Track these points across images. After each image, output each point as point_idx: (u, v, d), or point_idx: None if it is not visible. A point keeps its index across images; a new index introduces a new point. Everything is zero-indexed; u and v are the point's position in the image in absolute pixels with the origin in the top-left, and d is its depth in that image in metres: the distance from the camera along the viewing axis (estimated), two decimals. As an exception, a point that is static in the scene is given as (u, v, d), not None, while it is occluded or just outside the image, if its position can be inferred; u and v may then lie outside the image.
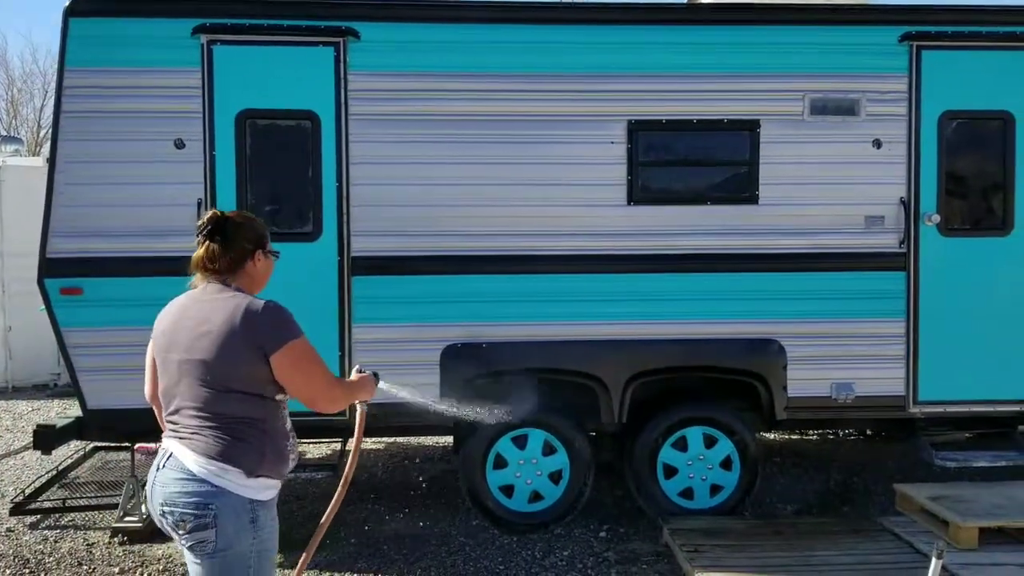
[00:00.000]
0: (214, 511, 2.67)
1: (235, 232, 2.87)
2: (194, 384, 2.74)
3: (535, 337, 5.50)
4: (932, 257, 5.67)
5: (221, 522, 2.67)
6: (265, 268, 2.97)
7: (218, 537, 2.67)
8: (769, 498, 6.38)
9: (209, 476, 2.68)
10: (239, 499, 2.70)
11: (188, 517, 2.67)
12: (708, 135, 5.58)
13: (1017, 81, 5.67)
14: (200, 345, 2.73)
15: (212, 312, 2.75)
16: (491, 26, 5.45)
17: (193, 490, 2.68)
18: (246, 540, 2.72)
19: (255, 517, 2.73)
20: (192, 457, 2.71)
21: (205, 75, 5.30)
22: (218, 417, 2.72)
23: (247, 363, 2.70)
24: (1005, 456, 5.71)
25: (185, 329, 2.79)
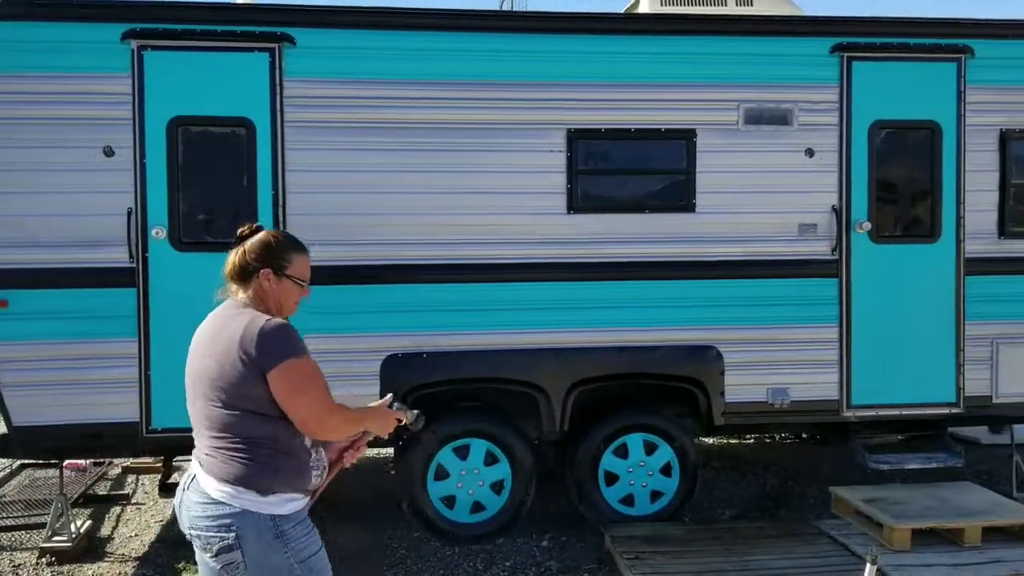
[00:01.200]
0: (235, 532, 2.64)
1: (251, 246, 2.85)
2: (205, 403, 2.72)
3: (477, 346, 5.47)
4: (863, 264, 5.79)
5: (245, 543, 2.64)
6: (275, 290, 2.84)
7: (245, 557, 2.64)
8: (708, 503, 6.45)
9: (226, 498, 2.66)
10: (259, 517, 2.65)
11: (213, 540, 2.66)
12: (646, 144, 5.63)
13: (943, 92, 5.82)
14: (207, 364, 2.71)
15: (220, 330, 2.74)
16: (429, 33, 5.41)
17: (213, 513, 2.67)
18: (278, 555, 2.67)
19: (280, 532, 2.67)
20: (208, 480, 2.69)
21: (135, 81, 5.16)
22: (227, 437, 2.68)
23: (248, 382, 2.65)
24: (935, 458, 5.86)
25: (199, 346, 2.79)
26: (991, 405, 5.95)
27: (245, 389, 2.65)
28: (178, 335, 5.15)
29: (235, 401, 2.67)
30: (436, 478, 5.58)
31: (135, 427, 5.21)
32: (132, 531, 5.96)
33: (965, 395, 5.88)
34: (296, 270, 2.88)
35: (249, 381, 2.65)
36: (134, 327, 5.20)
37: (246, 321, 2.70)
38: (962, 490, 5.76)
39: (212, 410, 2.70)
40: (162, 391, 5.23)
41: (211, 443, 2.71)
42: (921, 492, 5.73)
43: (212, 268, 5.18)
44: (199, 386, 2.74)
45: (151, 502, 6.56)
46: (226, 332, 2.71)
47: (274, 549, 2.65)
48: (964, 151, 5.83)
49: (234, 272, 2.85)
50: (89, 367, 5.18)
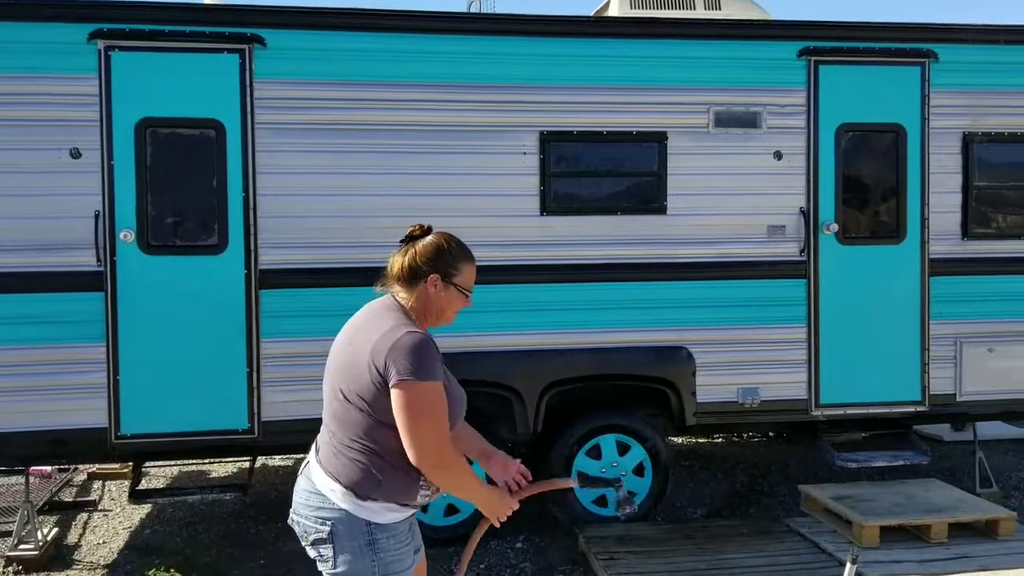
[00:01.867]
0: (330, 527, 2.63)
1: (423, 248, 2.77)
2: (333, 393, 2.70)
3: (449, 348, 5.40)
4: (831, 265, 5.87)
5: (337, 540, 2.63)
6: (440, 300, 2.77)
7: (336, 554, 2.63)
8: (679, 502, 6.50)
9: (328, 492, 2.65)
10: (355, 520, 2.63)
11: (310, 530, 2.67)
12: (618, 146, 5.65)
13: (908, 95, 5.92)
14: (343, 356, 2.68)
15: (363, 327, 2.69)
16: (401, 35, 5.39)
17: (315, 504, 2.67)
18: (364, 561, 2.64)
19: (373, 540, 2.64)
20: (318, 470, 2.70)
21: (103, 82, 5.08)
22: (343, 432, 2.67)
23: (372, 388, 2.59)
24: (902, 456, 5.95)
25: (344, 335, 2.75)
26: (955, 403, 6.05)
27: (368, 393, 2.60)
28: (147, 339, 5.18)
29: (357, 401, 2.62)
30: (409, 481, 5.55)
31: (104, 433, 5.13)
32: (100, 538, 5.87)
33: (930, 393, 5.98)
34: (463, 279, 2.82)
35: (373, 387, 2.59)
36: (102, 331, 5.13)
37: (388, 326, 2.63)
38: (928, 487, 5.86)
39: (335, 403, 2.68)
40: (131, 396, 5.16)
41: (328, 436, 2.71)
42: (888, 489, 5.82)
43: (181, 271, 5.24)
44: (332, 375, 2.72)
45: (118, 508, 6.47)
46: (366, 331, 2.66)
47: (363, 554, 2.63)
48: (928, 154, 5.94)
49: (402, 273, 2.77)
50: (57, 372, 5.09)
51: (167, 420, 5.21)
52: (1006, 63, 5.99)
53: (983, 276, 6.02)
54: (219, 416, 5.28)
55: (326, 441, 2.73)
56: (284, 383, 5.32)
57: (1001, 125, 6.01)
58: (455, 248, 2.83)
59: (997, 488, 6.45)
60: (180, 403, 5.21)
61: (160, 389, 5.19)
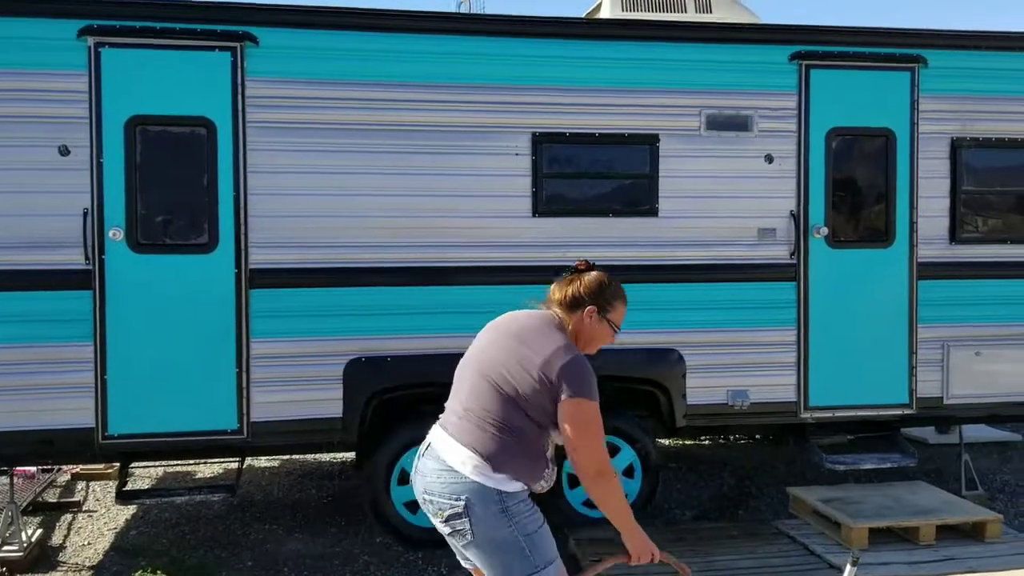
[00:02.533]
0: (464, 500, 2.85)
1: (587, 281, 3.11)
2: (487, 385, 2.93)
3: (441, 350, 5.43)
4: (820, 268, 5.90)
5: (472, 512, 2.85)
6: (592, 330, 3.10)
7: (472, 526, 2.85)
8: (668, 504, 6.50)
9: (460, 466, 2.87)
10: (488, 489, 2.85)
11: (444, 506, 2.89)
12: (610, 148, 5.66)
13: (898, 100, 5.96)
14: (504, 352, 2.95)
15: (532, 336, 2.96)
16: (394, 35, 5.37)
17: (447, 480, 2.89)
18: (503, 527, 2.86)
19: (505, 507, 2.86)
20: (453, 447, 2.92)
21: (92, 79, 5.03)
22: (491, 414, 2.90)
23: (538, 395, 2.88)
24: (890, 458, 5.98)
25: (503, 334, 3.03)
26: (942, 406, 6.09)
27: (531, 393, 2.88)
28: (135, 339, 5.14)
29: (514, 394, 2.89)
30: (400, 483, 5.53)
31: (91, 433, 5.09)
32: (85, 539, 5.81)
33: (917, 396, 6.01)
34: (615, 316, 3.15)
35: (540, 395, 2.88)
36: (90, 331, 5.08)
37: (559, 343, 2.93)
38: (915, 489, 5.90)
39: (493, 394, 2.92)
40: (119, 396, 5.11)
41: (465, 411, 2.95)
42: (876, 492, 5.85)
43: (170, 270, 5.20)
44: (484, 363, 2.98)
45: (103, 509, 6.41)
46: (538, 341, 2.95)
47: (499, 521, 2.85)
48: (917, 158, 5.97)
49: (565, 300, 3.10)
50: (43, 372, 5.03)
51: (155, 420, 5.16)
52: (995, 69, 6.03)
53: (970, 280, 6.07)
54: (208, 416, 5.24)
55: (462, 418, 2.96)
56: (274, 383, 5.28)
57: (989, 131, 6.05)
58: (615, 288, 3.17)
59: (982, 490, 6.50)
60: (168, 403, 5.17)
61: (148, 389, 5.14)
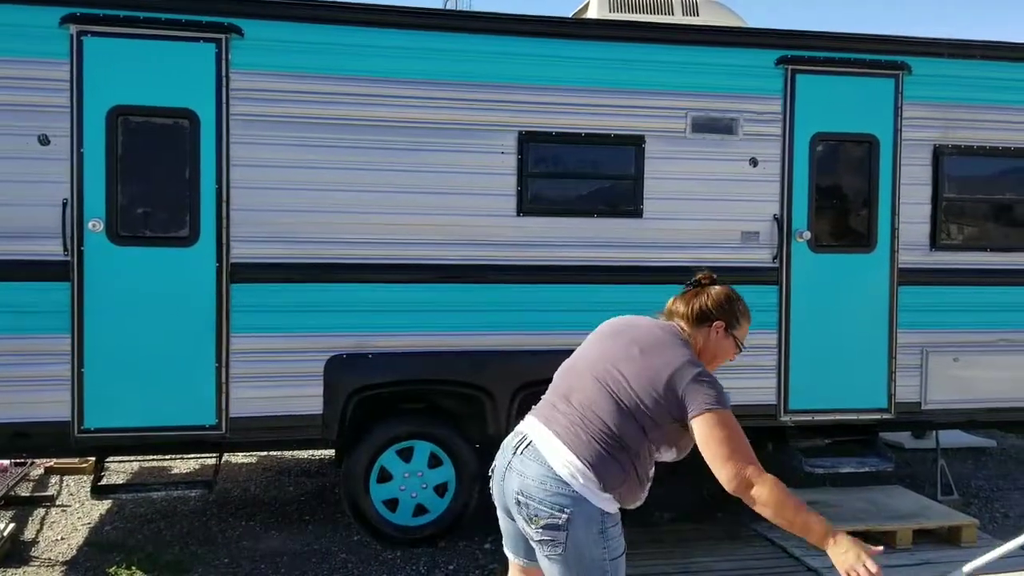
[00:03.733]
0: (568, 515, 2.71)
1: (716, 295, 3.03)
2: (604, 392, 2.80)
3: (423, 347, 5.42)
4: (803, 272, 5.92)
5: (574, 527, 2.71)
6: (718, 345, 3.01)
7: (568, 540, 2.72)
8: (648, 506, 6.47)
9: (571, 479, 2.72)
10: (593, 508, 2.73)
11: (543, 513, 2.73)
12: (596, 148, 5.66)
13: (881, 106, 6.00)
14: (631, 366, 2.81)
15: (658, 347, 2.84)
16: (382, 31, 5.34)
17: (553, 489, 2.73)
18: (596, 548, 2.75)
19: (604, 529, 2.76)
20: (562, 453, 2.75)
21: (74, 68, 4.96)
22: (607, 427, 2.76)
23: (659, 409, 2.76)
24: (868, 462, 6.03)
25: (624, 340, 2.90)
26: (920, 411, 6.13)
27: (651, 404, 2.76)
28: (114, 331, 5.07)
29: (631, 402, 2.77)
30: (379, 480, 5.51)
31: (67, 427, 5.02)
32: (58, 534, 5.74)
33: (896, 401, 6.06)
34: (741, 333, 3.07)
35: (662, 409, 2.76)
36: (68, 323, 5.01)
37: (686, 357, 2.82)
38: (892, 494, 5.94)
39: (610, 402, 2.78)
40: (96, 389, 5.05)
41: (582, 419, 2.78)
42: (853, 496, 5.89)
43: (151, 263, 5.14)
44: (606, 374, 2.83)
45: (77, 504, 6.33)
46: (665, 353, 2.82)
47: (595, 542, 2.74)
48: (900, 165, 6.01)
49: (691, 314, 3.00)
50: (19, 363, 4.96)
51: (132, 414, 5.11)
52: (978, 78, 6.08)
53: (950, 287, 6.12)
54: (186, 411, 5.19)
55: (573, 422, 2.79)
56: (254, 379, 5.24)
57: (971, 138, 6.10)
58: (742, 304, 3.09)
59: (958, 495, 6.55)
60: (146, 397, 5.11)
61: (126, 382, 5.08)
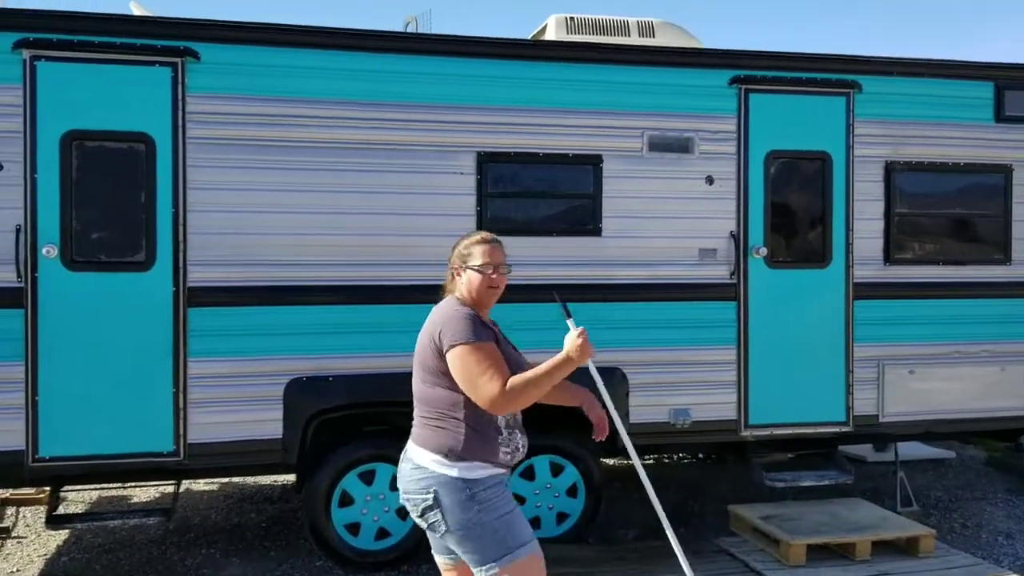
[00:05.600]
0: (433, 493, 3.02)
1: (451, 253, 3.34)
2: (415, 379, 3.20)
3: (385, 369, 5.40)
4: (759, 287, 6.00)
5: (441, 502, 3.02)
6: (469, 284, 3.26)
7: (444, 516, 3.01)
8: (611, 523, 6.51)
9: (426, 463, 3.06)
10: (452, 480, 3.02)
11: (417, 501, 3.06)
12: (554, 168, 5.70)
13: (833, 124, 6.11)
14: (419, 343, 3.19)
15: (431, 314, 3.24)
16: (337, 53, 5.36)
17: (417, 477, 3.08)
18: (470, 512, 3.01)
19: (472, 494, 3.02)
20: (415, 447, 3.14)
21: (27, 93, 4.93)
22: (424, 408, 3.14)
23: (435, 358, 3.10)
24: (827, 475, 6.09)
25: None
26: (878, 424, 6.22)
27: (433, 364, 3.11)
28: (69, 358, 5.01)
29: (429, 375, 3.12)
30: (340, 504, 5.47)
31: (21, 455, 4.94)
32: (13, 566, 5.63)
33: (854, 414, 6.14)
34: (476, 259, 3.27)
35: (436, 357, 3.09)
36: (21, 350, 4.94)
37: (442, 308, 3.21)
38: (852, 506, 6.00)
39: (416, 384, 3.17)
40: (50, 418, 4.97)
41: (417, 414, 3.16)
42: (814, 509, 5.94)
43: (106, 288, 5.09)
44: (415, 364, 3.20)
45: (33, 535, 6.22)
46: (431, 317, 3.22)
47: (466, 507, 3.01)
48: (852, 181, 6.13)
49: (447, 282, 3.39)
50: (-29, 392, 4.89)
51: (88, 442, 5.03)
52: (927, 96, 6.22)
53: (904, 300, 6.22)
54: (143, 438, 5.12)
55: (416, 423, 3.18)
56: (212, 404, 5.19)
57: (921, 155, 6.24)
58: (464, 239, 3.36)
59: (917, 507, 6.64)
60: (103, 424, 5.04)
61: (82, 410, 5.01)
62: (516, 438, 3.19)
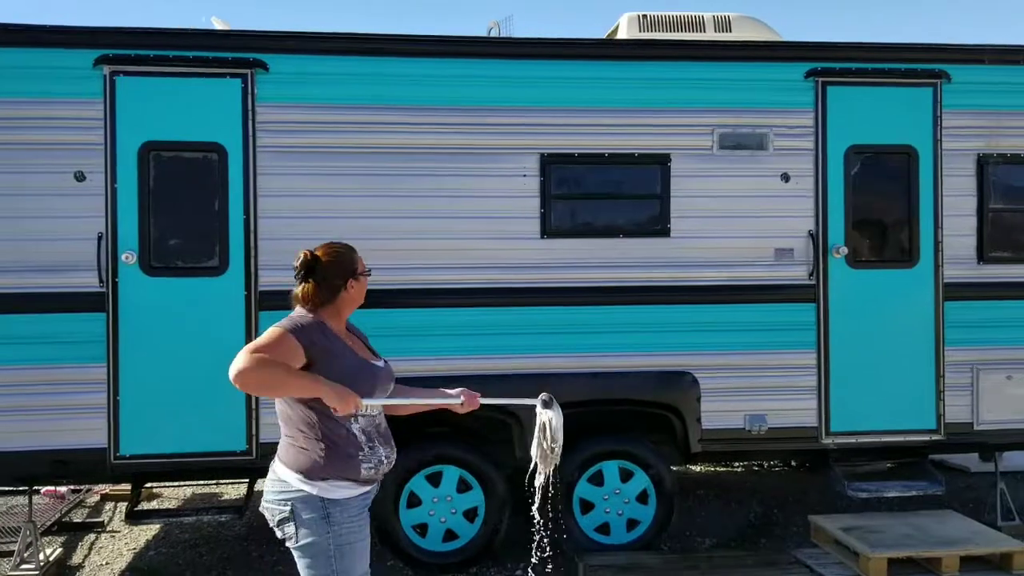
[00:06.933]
0: (291, 506, 3.02)
1: (326, 271, 3.21)
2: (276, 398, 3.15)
3: (449, 372, 5.40)
4: (841, 289, 5.75)
5: (297, 517, 3.02)
6: (358, 291, 3.28)
7: (296, 530, 3.02)
8: (688, 531, 6.36)
9: (287, 477, 3.05)
10: (311, 498, 3.01)
11: (275, 511, 3.07)
12: (620, 168, 5.61)
13: (919, 116, 5.80)
14: None
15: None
16: (402, 59, 5.42)
17: (278, 489, 3.07)
18: (321, 534, 3.01)
19: (327, 514, 3.01)
20: (277, 463, 3.12)
21: (107, 106, 5.17)
22: (283, 426, 3.12)
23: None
24: (915, 486, 5.77)
25: None
26: (972, 432, 5.86)
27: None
28: (148, 360, 5.21)
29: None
30: (408, 506, 5.51)
31: (103, 454, 5.17)
32: (103, 559, 5.90)
33: (946, 422, 5.80)
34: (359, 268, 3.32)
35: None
36: (103, 352, 5.18)
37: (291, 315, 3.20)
38: (942, 518, 5.67)
39: (276, 403, 3.13)
40: (131, 417, 5.19)
41: (281, 432, 3.13)
42: (900, 520, 5.64)
43: (182, 293, 5.27)
44: None
45: (126, 530, 6.50)
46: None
47: (319, 527, 3.01)
48: (941, 176, 5.80)
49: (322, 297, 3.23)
50: (58, 392, 5.14)
51: (166, 441, 5.23)
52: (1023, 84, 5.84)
53: (1001, 301, 5.85)
54: (218, 437, 5.29)
55: (281, 440, 3.14)
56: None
57: (1017, 147, 5.85)
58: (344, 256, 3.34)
59: (1020, 521, 6.22)
60: (179, 424, 5.23)
61: (160, 410, 5.21)
62: (379, 451, 3.11)
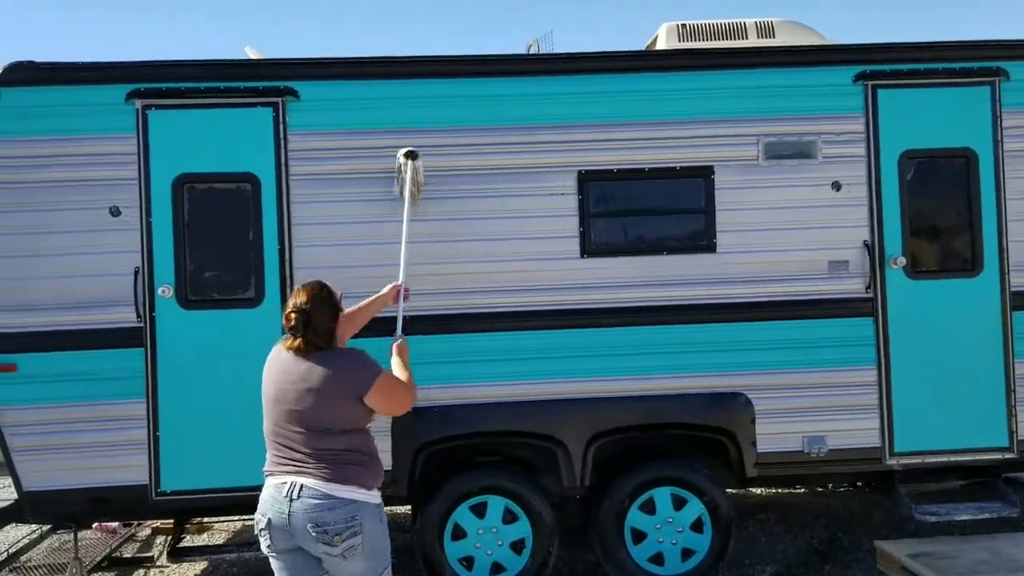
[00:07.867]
0: (360, 521, 3.43)
1: (318, 318, 3.59)
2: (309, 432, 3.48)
3: (488, 398, 5.28)
4: (900, 301, 5.47)
5: (365, 529, 3.44)
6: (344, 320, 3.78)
7: (364, 540, 3.44)
8: (747, 559, 6.08)
9: (346, 494, 3.43)
10: (373, 507, 3.51)
11: (342, 531, 3.39)
12: (661, 183, 5.42)
13: (977, 117, 5.52)
14: (306, 399, 3.49)
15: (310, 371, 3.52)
16: (432, 81, 5.33)
17: (343, 510, 3.41)
18: (384, 534, 3.57)
19: (382, 517, 3.59)
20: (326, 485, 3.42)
21: (140, 140, 5.16)
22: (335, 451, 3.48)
23: (347, 405, 3.51)
24: (988, 508, 5.42)
25: (290, 385, 3.54)
26: (1050, 449, 5.51)
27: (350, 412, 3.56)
28: (186, 394, 5.16)
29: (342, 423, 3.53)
30: (453, 538, 5.35)
31: (144, 490, 5.13)
32: (151, 595, 5.86)
33: (1019, 439, 5.46)
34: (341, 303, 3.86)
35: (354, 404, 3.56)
36: (142, 387, 5.14)
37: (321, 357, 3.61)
38: (1020, 542, 5.32)
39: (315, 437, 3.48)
40: (171, 452, 5.15)
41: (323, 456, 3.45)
42: (974, 545, 5.32)
43: (219, 325, 5.22)
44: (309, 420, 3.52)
45: (175, 565, 6.45)
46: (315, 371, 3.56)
47: (379, 529, 3.53)
48: (1004, 179, 5.50)
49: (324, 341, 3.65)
50: (98, 429, 5.12)
51: (207, 476, 5.17)
52: (1089, 77, 5.52)
53: (1076, 309, 5.51)
54: (259, 471, 5.18)
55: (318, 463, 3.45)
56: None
57: (1087, 144, 5.52)
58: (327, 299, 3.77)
59: (1107, 543, 5.82)
60: (220, 458, 5.16)
61: (200, 445, 5.16)
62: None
